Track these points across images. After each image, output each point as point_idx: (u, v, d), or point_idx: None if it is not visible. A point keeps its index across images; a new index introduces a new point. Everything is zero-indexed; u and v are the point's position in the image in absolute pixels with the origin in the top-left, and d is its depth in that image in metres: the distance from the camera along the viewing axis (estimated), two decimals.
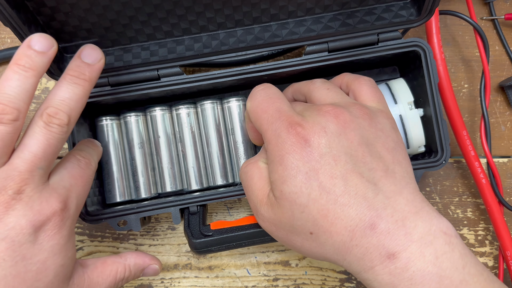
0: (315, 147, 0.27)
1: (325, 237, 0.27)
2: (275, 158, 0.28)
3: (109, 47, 0.36)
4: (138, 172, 0.38)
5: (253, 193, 0.31)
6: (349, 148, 0.27)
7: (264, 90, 0.31)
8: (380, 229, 0.26)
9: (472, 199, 0.43)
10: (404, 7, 0.36)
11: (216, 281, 0.42)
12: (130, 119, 0.38)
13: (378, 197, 0.27)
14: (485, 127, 0.40)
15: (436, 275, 0.25)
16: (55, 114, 0.28)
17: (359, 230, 0.26)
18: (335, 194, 0.26)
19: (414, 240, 0.25)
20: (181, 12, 0.34)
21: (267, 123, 0.29)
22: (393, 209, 0.26)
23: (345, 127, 0.28)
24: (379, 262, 0.25)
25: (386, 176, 0.28)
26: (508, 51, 0.44)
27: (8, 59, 0.42)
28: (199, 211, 0.37)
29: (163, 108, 0.39)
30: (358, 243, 0.26)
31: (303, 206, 0.27)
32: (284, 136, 0.28)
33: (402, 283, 0.25)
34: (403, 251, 0.25)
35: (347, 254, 0.27)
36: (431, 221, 0.26)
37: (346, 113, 0.29)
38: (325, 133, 0.27)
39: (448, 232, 0.26)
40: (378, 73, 0.41)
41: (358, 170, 0.27)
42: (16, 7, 0.30)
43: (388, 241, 0.25)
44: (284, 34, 0.36)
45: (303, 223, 0.27)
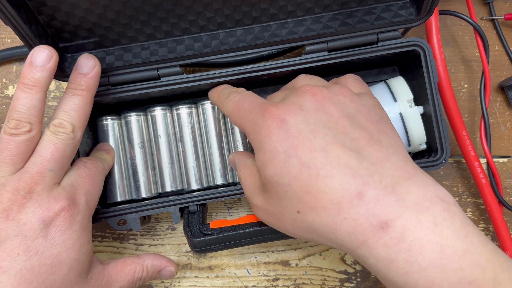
0: (292, 125, 0.27)
1: (312, 214, 0.26)
2: (256, 146, 0.28)
3: (109, 46, 0.37)
4: (138, 171, 0.38)
5: (247, 190, 0.32)
6: (328, 121, 0.27)
7: (235, 92, 0.33)
8: (368, 196, 0.24)
9: (472, 199, 0.43)
10: (404, 6, 0.36)
11: (216, 281, 0.42)
12: (130, 119, 0.38)
13: (363, 164, 0.25)
14: (485, 127, 0.40)
15: (437, 244, 0.23)
16: (60, 124, 0.31)
17: (346, 201, 0.24)
18: (316, 168, 0.25)
19: (408, 206, 0.24)
20: (181, 11, 0.34)
21: (244, 117, 0.29)
22: (380, 175, 0.25)
23: (323, 103, 0.28)
24: (372, 233, 0.24)
25: (370, 144, 0.26)
26: (508, 51, 0.44)
27: (8, 59, 0.43)
28: (198, 210, 0.37)
29: (164, 108, 0.39)
30: (347, 215, 0.24)
31: (286, 185, 0.26)
32: (260, 121, 0.28)
33: (400, 255, 0.23)
34: (397, 218, 0.23)
35: (337, 230, 0.25)
36: (426, 187, 0.25)
37: (324, 90, 0.28)
38: (301, 111, 0.27)
39: (446, 199, 0.24)
40: (377, 73, 0.41)
41: (339, 141, 0.26)
42: (17, 6, 0.30)
43: (378, 208, 0.24)
44: (284, 34, 0.36)
45: (289, 202, 0.27)
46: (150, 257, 0.36)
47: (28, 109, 0.30)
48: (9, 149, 0.30)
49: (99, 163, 0.35)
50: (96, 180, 0.34)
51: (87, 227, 0.32)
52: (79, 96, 0.32)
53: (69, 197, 0.31)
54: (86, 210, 0.32)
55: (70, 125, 0.31)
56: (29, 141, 0.30)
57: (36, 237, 0.29)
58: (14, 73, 0.43)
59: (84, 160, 0.34)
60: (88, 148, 0.38)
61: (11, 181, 0.30)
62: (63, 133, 0.31)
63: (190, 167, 0.39)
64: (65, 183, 0.32)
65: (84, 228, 0.31)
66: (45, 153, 0.30)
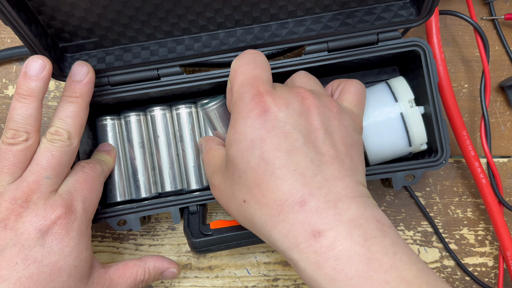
0: (271, 119, 0.27)
1: (255, 207, 0.27)
2: (232, 121, 0.28)
3: (109, 46, 0.36)
4: (138, 171, 0.38)
5: (209, 170, 0.32)
6: (306, 128, 0.27)
7: (253, 55, 0.31)
8: (310, 206, 0.25)
9: (472, 199, 0.43)
10: (404, 6, 0.36)
11: (216, 281, 0.42)
12: (130, 119, 0.38)
13: (316, 178, 0.26)
14: (485, 127, 0.40)
15: (364, 257, 0.24)
16: (56, 132, 0.32)
17: (288, 205, 0.25)
18: (273, 166, 0.26)
19: (343, 221, 0.25)
20: (181, 11, 0.34)
21: (240, 84, 0.29)
22: (328, 190, 0.26)
23: (309, 110, 0.28)
24: (304, 239, 0.25)
25: (332, 162, 0.27)
26: (508, 51, 0.44)
27: (8, 59, 0.43)
28: (198, 210, 0.37)
29: (163, 108, 0.39)
30: (285, 218, 0.25)
31: (242, 172, 0.27)
32: (247, 100, 0.28)
33: (328, 262, 0.24)
34: (330, 230, 0.24)
35: (272, 229, 0.26)
36: (366, 208, 0.26)
37: (315, 99, 0.29)
38: (286, 108, 0.27)
39: (381, 221, 0.26)
40: (378, 73, 0.41)
41: (305, 150, 0.26)
42: (17, 6, 0.30)
43: (315, 219, 0.25)
44: (284, 34, 0.36)
45: (240, 189, 0.27)
46: (152, 259, 0.36)
47: (24, 118, 0.31)
48: (7, 159, 0.30)
49: (98, 166, 0.35)
50: (94, 184, 0.34)
51: (85, 233, 0.32)
52: (74, 103, 0.33)
53: (66, 205, 0.31)
54: (84, 216, 0.32)
55: (66, 132, 0.32)
56: (26, 150, 0.31)
57: (34, 246, 0.29)
58: (14, 73, 0.43)
59: (82, 165, 0.34)
60: (88, 148, 0.38)
61: (8, 190, 0.30)
62: (59, 141, 0.31)
63: (190, 167, 0.39)
64: (62, 190, 0.32)
65: (82, 234, 0.31)
66: (41, 161, 0.31)
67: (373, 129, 0.36)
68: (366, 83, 0.41)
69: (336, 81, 0.35)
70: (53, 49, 0.35)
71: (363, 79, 0.41)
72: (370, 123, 0.36)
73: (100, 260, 0.42)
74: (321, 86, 0.33)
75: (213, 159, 0.32)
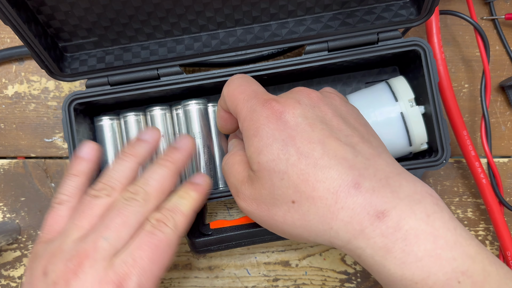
0: (291, 117, 0.27)
1: (308, 204, 0.25)
2: (250, 132, 0.28)
3: (109, 46, 0.36)
4: None
5: (234, 176, 0.30)
6: (324, 118, 0.28)
7: (241, 77, 0.31)
8: (365, 187, 0.24)
9: (472, 199, 0.43)
10: (404, 6, 0.36)
11: (216, 281, 0.42)
12: (129, 119, 0.38)
13: (358, 158, 0.26)
14: (486, 127, 0.40)
15: (430, 234, 0.23)
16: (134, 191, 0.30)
17: (343, 190, 0.25)
18: (314, 158, 0.25)
19: (401, 198, 0.24)
20: (181, 11, 0.34)
21: (243, 101, 0.29)
22: (374, 169, 0.26)
23: (318, 102, 0.28)
24: (369, 223, 0.24)
25: (362, 141, 0.27)
26: (508, 51, 0.43)
27: (7, 59, 0.43)
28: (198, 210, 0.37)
29: (163, 108, 0.38)
30: (344, 204, 0.24)
31: (282, 173, 0.26)
32: (259, 110, 0.28)
33: (396, 245, 0.23)
34: (392, 208, 0.24)
35: (333, 220, 0.25)
36: (414, 183, 0.26)
37: (317, 93, 0.29)
38: (299, 105, 0.28)
39: (433, 195, 0.26)
40: (378, 73, 0.41)
41: (335, 135, 0.27)
42: (16, 6, 0.30)
43: (375, 199, 0.24)
44: (284, 34, 0.36)
45: (284, 191, 0.26)
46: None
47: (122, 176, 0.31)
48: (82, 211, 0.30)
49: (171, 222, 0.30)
50: (160, 250, 0.29)
51: None
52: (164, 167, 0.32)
53: (116, 282, 0.27)
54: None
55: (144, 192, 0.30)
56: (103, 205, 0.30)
57: None
58: (14, 73, 0.43)
59: (151, 222, 0.29)
60: None
61: (68, 249, 0.28)
62: (133, 199, 0.29)
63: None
64: (119, 259, 0.28)
65: None
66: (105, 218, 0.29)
67: (373, 128, 0.36)
68: (366, 83, 0.41)
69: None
70: (52, 49, 0.34)
71: (363, 79, 0.41)
72: (370, 123, 0.36)
73: None
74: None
75: (239, 164, 0.30)
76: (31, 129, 0.43)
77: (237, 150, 0.32)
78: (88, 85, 0.36)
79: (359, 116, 0.30)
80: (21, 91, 0.43)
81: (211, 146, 0.38)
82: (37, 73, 0.43)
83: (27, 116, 0.43)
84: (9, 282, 0.42)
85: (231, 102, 0.30)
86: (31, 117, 0.43)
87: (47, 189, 0.43)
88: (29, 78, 0.43)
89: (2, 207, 0.43)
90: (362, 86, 0.41)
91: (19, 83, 0.43)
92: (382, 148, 0.28)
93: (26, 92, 0.43)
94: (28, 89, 0.43)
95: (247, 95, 0.29)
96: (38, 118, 0.43)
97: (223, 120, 0.33)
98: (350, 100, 0.38)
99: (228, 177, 0.31)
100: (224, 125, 0.33)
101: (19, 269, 0.42)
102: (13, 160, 0.43)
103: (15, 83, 0.43)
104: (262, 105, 0.28)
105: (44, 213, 0.43)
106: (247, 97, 0.29)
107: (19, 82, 0.43)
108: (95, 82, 0.36)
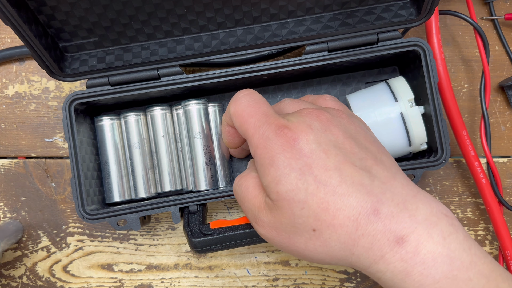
0: (304, 144, 0.27)
1: (329, 231, 0.26)
2: (265, 161, 0.28)
3: (109, 46, 0.36)
4: (137, 171, 0.38)
5: (250, 202, 0.30)
6: (336, 141, 0.28)
7: (249, 95, 0.31)
8: (384, 213, 0.25)
9: (472, 199, 0.43)
10: (404, 6, 0.36)
11: (216, 281, 0.42)
12: (130, 119, 0.38)
13: (374, 183, 0.26)
14: (485, 127, 0.40)
15: (447, 257, 0.24)
16: None
17: (363, 217, 0.25)
18: (332, 186, 0.26)
19: (419, 221, 0.25)
20: (181, 11, 0.34)
21: (254, 127, 0.29)
22: (392, 193, 0.26)
23: (328, 124, 0.28)
24: (389, 248, 0.25)
25: (376, 163, 0.27)
26: (508, 51, 0.44)
27: (8, 59, 0.43)
28: (198, 210, 0.37)
29: (163, 108, 0.39)
30: (364, 231, 0.25)
31: (302, 202, 0.26)
32: (272, 138, 0.28)
33: (415, 268, 0.24)
34: (411, 233, 0.25)
35: (354, 246, 0.26)
36: (430, 203, 0.26)
37: (326, 113, 0.29)
38: (311, 130, 0.27)
39: (448, 215, 0.26)
40: (378, 73, 0.41)
41: (350, 160, 0.27)
42: (17, 6, 0.30)
43: (394, 224, 0.25)
44: (284, 34, 0.36)
45: (305, 220, 0.27)
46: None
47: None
48: None
49: None
50: None
51: None
52: None
53: None
54: None
55: None
56: None
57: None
58: (14, 73, 0.43)
59: None
60: (89, 148, 0.38)
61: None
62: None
63: (189, 167, 0.38)
64: None
65: None
66: None
67: (373, 128, 0.36)
68: (366, 83, 0.41)
69: (307, 98, 0.35)
70: (53, 49, 0.35)
71: (363, 79, 0.41)
72: (370, 123, 0.36)
73: (100, 260, 0.42)
74: (310, 103, 0.33)
75: (254, 188, 0.30)
76: (32, 129, 0.43)
77: (250, 172, 0.31)
78: (89, 85, 0.36)
79: (368, 132, 0.30)
80: (22, 91, 0.43)
81: (211, 146, 0.38)
82: (37, 73, 0.44)
83: (28, 116, 0.43)
84: (10, 282, 0.43)
85: (240, 124, 0.30)
86: (31, 117, 0.43)
87: (47, 189, 0.43)
88: (30, 78, 0.43)
89: (2, 207, 0.43)
90: (362, 86, 0.41)
91: (20, 83, 0.43)
92: (395, 168, 0.28)
93: (26, 92, 0.43)
94: (29, 89, 0.43)
95: (257, 120, 0.29)
96: (39, 118, 0.43)
97: (230, 135, 0.33)
98: (350, 100, 0.38)
99: (242, 200, 0.31)
100: (231, 140, 0.34)
101: (19, 268, 0.43)
102: (14, 160, 0.43)
103: (16, 83, 0.43)
104: (275, 133, 0.28)
105: (45, 213, 0.43)
106: (258, 122, 0.29)
107: (19, 82, 0.43)
108: (95, 82, 0.36)
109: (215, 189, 0.38)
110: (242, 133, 0.30)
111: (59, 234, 0.43)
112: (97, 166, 0.39)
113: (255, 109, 0.30)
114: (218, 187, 0.38)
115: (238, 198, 0.31)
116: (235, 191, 0.32)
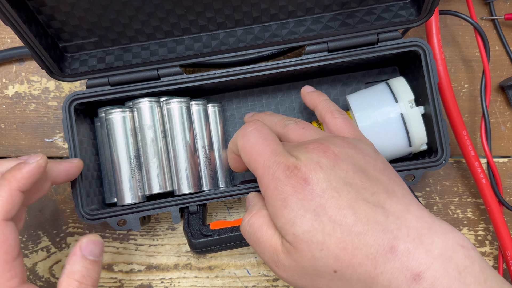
0: (315, 183, 0.27)
1: (350, 271, 0.26)
2: (277, 203, 0.28)
3: (109, 46, 0.36)
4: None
5: (266, 243, 0.29)
6: (346, 178, 0.27)
7: (257, 131, 0.30)
8: (401, 250, 0.25)
9: (472, 199, 0.43)
10: (404, 7, 0.36)
11: (216, 281, 0.42)
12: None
13: (389, 219, 0.26)
14: (485, 127, 0.40)
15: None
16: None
17: (381, 255, 0.25)
18: (348, 225, 0.26)
19: (435, 257, 0.25)
20: (181, 11, 0.34)
21: (264, 167, 0.29)
22: (407, 228, 0.26)
23: (336, 159, 0.28)
24: (406, 285, 0.25)
25: (389, 197, 0.27)
26: (508, 51, 0.44)
27: (8, 59, 0.43)
28: (198, 210, 0.37)
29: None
30: (383, 270, 0.25)
31: (321, 243, 0.26)
32: (283, 179, 0.28)
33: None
34: (427, 269, 0.25)
35: (374, 284, 0.26)
36: (446, 235, 0.26)
37: (332, 147, 0.29)
38: (320, 168, 0.27)
39: (465, 245, 0.26)
40: (378, 73, 0.41)
41: (362, 197, 0.27)
42: (17, 6, 0.30)
43: (411, 261, 0.25)
44: (284, 34, 0.36)
45: (325, 262, 0.27)
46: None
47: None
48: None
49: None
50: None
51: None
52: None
53: None
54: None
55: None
56: None
57: None
58: (14, 73, 0.43)
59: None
60: (89, 148, 0.38)
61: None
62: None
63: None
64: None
65: None
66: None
67: (373, 129, 0.36)
68: (366, 83, 0.41)
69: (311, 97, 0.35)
70: (53, 49, 0.35)
71: (363, 79, 0.41)
72: (370, 124, 0.36)
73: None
74: (315, 128, 0.33)
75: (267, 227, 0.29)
76: (32, 129, 0.43)
77: (259, 209, 0.31)
78: (89, 85, 0.36)
79: (377, 158, 0.30)
80: (22, 91, 0.43)
81: (211, 147, 0.38)
82: (37, 73, 0.44)
83: (28, 116, 0.43)
84: None
85: (249, 161, 0.30)
86: (31, 117, 0.43)
87: None
88: (30, 78, 0.43)
89: None
90: (362, 87, 0.41)
91: (20, 83, 0.43)
92: (408, 197, 0.28)
93: (26, 92, 0.43)
94: (29, 89, 0.43)
95: (266, 159, 0.29)
96: (39, 118, 0.43)
97: (236, 162, 0.34)
98: (350, 100, 0.38)
99: (257, 241, 0.30)
100: (238, 166, 0.34)
101: None
102: None
103: (16, 83, 0.43)
104: (285, 174, 0.28)
105: (45, 213, 0.43)
106: (267, 161, 0.29)
107: (19, 82, 0.43)
108: (95, 82, 0.36)
109: (215, 189, 0.38)
110: (251, 170, 0.30)
111: (59, 234, 0.43)
112: (97, 166, 0.39)
113: (264, 146, 0.29)
114: (218, 188, 0.38)
115: (251, 239, 0.31)
116: (245, 230, 0.31)
